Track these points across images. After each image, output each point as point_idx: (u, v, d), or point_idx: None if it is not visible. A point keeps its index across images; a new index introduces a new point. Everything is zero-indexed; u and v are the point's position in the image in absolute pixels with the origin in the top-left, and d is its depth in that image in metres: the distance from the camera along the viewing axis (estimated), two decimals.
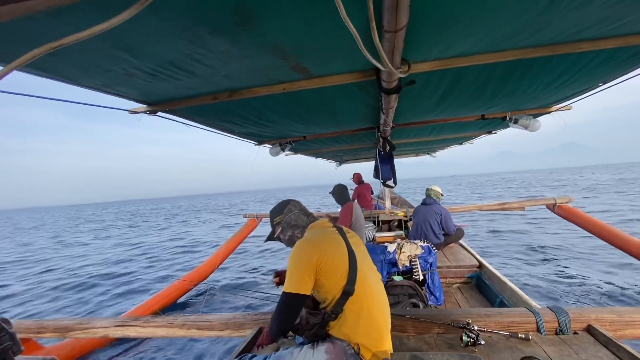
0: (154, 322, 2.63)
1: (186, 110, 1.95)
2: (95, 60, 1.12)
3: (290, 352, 1.42)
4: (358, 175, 7.19)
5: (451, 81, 1.80)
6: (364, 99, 2.00)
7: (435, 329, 2.17)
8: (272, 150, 3.43)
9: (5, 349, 0.93)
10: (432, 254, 3.46)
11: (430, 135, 4.10)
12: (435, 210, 4.51)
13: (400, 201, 10.52)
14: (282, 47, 1.16)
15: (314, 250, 1.40)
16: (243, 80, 1.55)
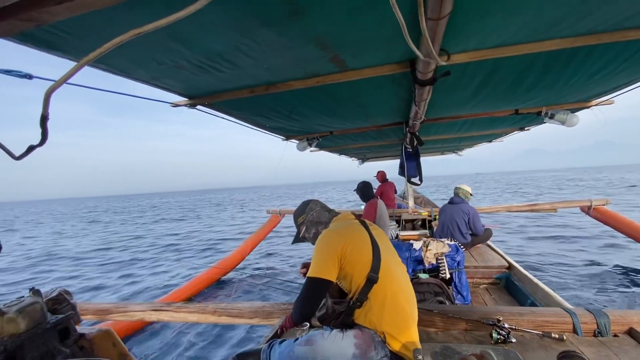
0: (187, 308, 2.75)
1: (223, 104, 2.04)
2: (151, 53, 1.20)
3: (320, 333, 1.47)
4: (382, 173, 7.14)
5: (487, 73, 1.77)
6: (396, 91, 2.00)
7: (463, 325, 2.14)
8: (299, 145, 3.49)
9: (68, 317, 1.03)
10: (460, 253, 3.40)
11: (459, 132, 4.01)
12: (463, 210, 4.41)
13: (424, 201, 10.33)
14: (324, 38, 1.20)
15: (338, 238, 1.44)
16: (281, 74, 1.60)
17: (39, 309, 0.92)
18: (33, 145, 0.78)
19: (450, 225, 4.43)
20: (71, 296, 1.10)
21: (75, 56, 1.14)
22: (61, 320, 0.96)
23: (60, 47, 1.07)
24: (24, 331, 0.87)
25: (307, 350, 1.39)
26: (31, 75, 1.13)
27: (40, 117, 0.73)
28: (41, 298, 0.97)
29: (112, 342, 1.09)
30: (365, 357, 1.37)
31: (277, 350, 1.53)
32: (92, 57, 0.63)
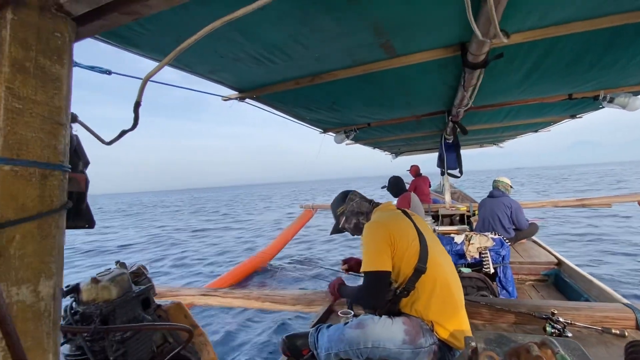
0: (233, 294, 2.90)
1: (269, 97, 2.11)
2: (215, 45, 1.29)
3: (371, 317, 1.50)
4: (416, 167, 6.99)
5: (541, 54, 1.68)
6: (442, 77, 1.96)
7: (512, 318, 2.07)
8: (336, 138, 3.52)
9: (149, 288, 1.13)
10: (505, 247, 3.27)
11: (504, 121, 3.82)
12: (504, 203, 4.23)
13: (461, 196, 9.96)
14: (381, 22, 1.21)
15: (385, 229, 1.45)
16: (328, 63, 1.63)
17: (126, 279, 1.03)
18: (125, 129, 0.88)
19: (492, 219, 4.26)
20: (147, 271, 1.21)
21: (148, 52, 1.25)
22: (144, 291, 1.07)
23: (137, 43, 1.18)
24: (115, 298, 0.98)
25: (358, 334, 1.43)
26: (110, 71, 1.25)
27: (135, 104, 0.81)
28: (127, 270, 1.08)
29: (184, 314, 1.19)
30: (414, 343, 1.39)
31: (325, 333, 1.59)
32: (185, 45, 0.69)
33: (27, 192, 0.57)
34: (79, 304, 0.96)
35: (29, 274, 0.57)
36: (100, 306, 0.95)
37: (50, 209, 0.60)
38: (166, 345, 1.08)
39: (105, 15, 0.70)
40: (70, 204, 0.65)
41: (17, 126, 0.57)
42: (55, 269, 0.61)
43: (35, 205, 0.58)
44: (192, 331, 1.03)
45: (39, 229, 0.58)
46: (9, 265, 0.54)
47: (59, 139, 0.63)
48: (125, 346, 0.96)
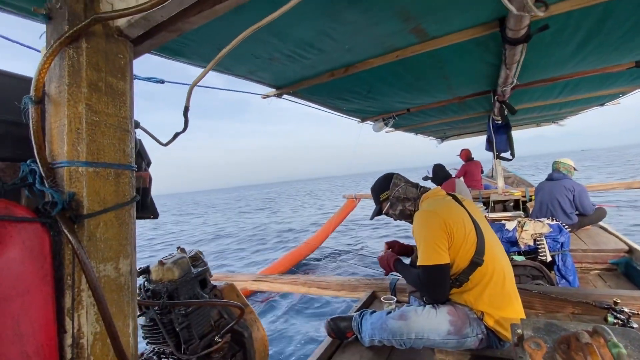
0: (281, 280, 3.08)
1: (305, 91, 2.18)
2: (251, 48, 1.39)
3: (414, 309, 1.49)
4: (467, 151, 6.61)
5: (596, 21, 1.52)
6: (482, 56, 1.87)
7: (570, 309, 1.95)
8: (375, 126, 3.50)
9: (205, 270, 1.28)
10: (564, 233, 3.03)
11: (560, 96, 3.48)
12: (566, 186, 3.87)
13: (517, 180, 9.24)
14: (407, 9, 1.21)
15: (440, 219, 1.38)
16: (360, 53, 1.65)
17: (186, 262, 1.18)
18: (178, 132, 1.01)
19: (551, 204, 3.93)
20: (204, 256, 1.37)
21: (192, 60, 1.39)
22: (201, 272, 1.22)
23: (183, 53, 1.32)
24: (177, 278, 1.14)
25: (401, 325, 1.44)
26: (164, 81, 1.41)
27: (184, 109, 0.93)
28: (186, 254, 1.23)
29: (236, 294, 1.33)
30: (459, 333, 1.37)
31: (368, 319, 1.63)
32: (223, 53, 0.78)
33: (106, 188, 0.71)
34: (150, 283, 1.13)
35: (111, 254, 0.71)
36: (167, 285, 1.11)
37: (124, 202, 0.73)
38: (222, 321, 1.22)
39: (155, 34, 0.82)
40: (138, 197, 0.78)
41: (96, 135, 0.70)
42: (130, 250, 0.75)
43: (112, 199, 0.72)
44: (243, 308, 1.16)
45: (116, 218, 0.72)
46: (97, 247, 0.68)
47: (127, 143, 0.76)
48: (189, 319, 1.11)
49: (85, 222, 0.66)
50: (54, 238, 0.65)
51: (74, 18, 0.70)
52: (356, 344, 1.74)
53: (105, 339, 0.67)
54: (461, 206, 1.50)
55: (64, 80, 0.68)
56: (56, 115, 0.69)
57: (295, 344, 3.50)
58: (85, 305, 0.65)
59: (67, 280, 0.65)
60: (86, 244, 0.66)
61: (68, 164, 0.67)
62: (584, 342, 1.08)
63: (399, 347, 1.48)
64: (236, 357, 1.20)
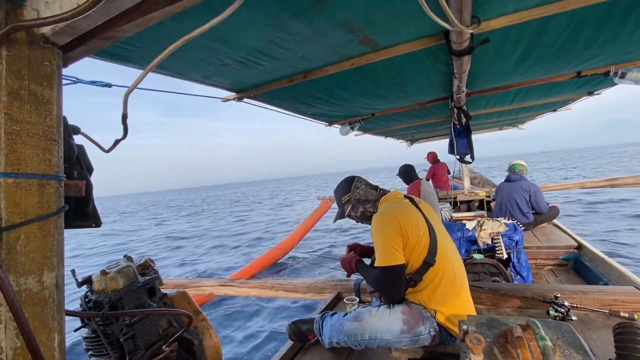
0: (248, 284, 3.06)
1: (266, 95, 2.19)
2: (200, 55, 1.38)
3: (368, 310, 1.53)
4: (433, 154, 6.89)
5: (533, 35, 1.64)
6: (433, 65, 1.96)
7: (517, 303, 2.08)
8: (342, 130, 3.55)
9: (153, 279, 1.26)
10: (518, 232, 3.22)
11: (513, 103, 3.70)
12: (522, 187, 4.12)
13: (482, 181, 9.69)
14: (350, 21, 1.25)
15: (396, 221, 1.42)
16: (316, 60, 1.68)
17: (132, 271, 1.16)
18: (118, 139, 0.99)
19: (509, 204, 4.17)
20: (154, 264, 1.34)
21: (141, 65, 1.36)
22: (149, 281, 1.20)
23: (130, 58, 1.29)
24: (122, 287, 1.11)
25: (356, 326, 1.47)
26: (110, 84, 1.37)
27: (122, 116, 0.92)
28: (133, 263, 1.21)
29: (188, 301, 1.31)
30: (412, 332, 1.42)
31: (328, 322, 1.66)
32: (155, 62, 0.78)
33: (27, 200, 0.69)
34: (92, 293, 1.10)
35: (33, 267, 0.69)
36: (109, 294, 1.08)
37: (48, 213, 0.72)
38: (171, 329, 1.21)
39: (87, 42, 0.80)
40: (66, 207, 0.76)
41: (16, 145, 0.68)
42: (56, 262, 0.73)
43: (35, 210, 0.70)
44: (191, 316, 1.15)
45: (39, 230, 0.70)
46: (17, 260, 0.66)
47: (53, 153, 0.75)
48: (134, 329, 1.09)
49: (3, 235, 0.64)
50: None
51: None
52: (317, 346, 1.76)
53: (27, 355, 0.65)
54: (417, 209, 1.56)
55: None
56: None
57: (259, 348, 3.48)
58: (3, 320, 0.63)
59: None
60: (4, 257, 0.64)
61: None
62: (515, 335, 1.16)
63: (355, 347, 1.52)
64: None
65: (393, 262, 1.39)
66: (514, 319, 1.46)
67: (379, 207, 1.62)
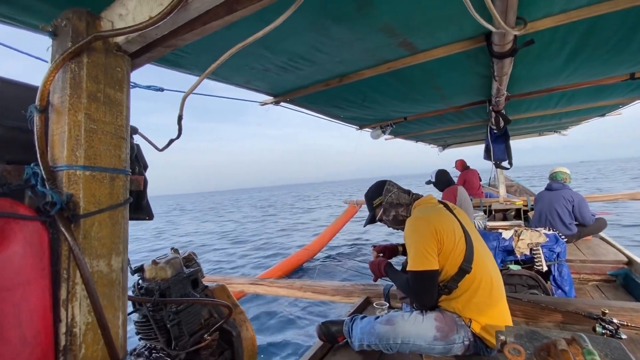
0: (278, 284, 3.12)
1: (302, 99, 2.25)
2: (245, 60, 1.46)
3: (401, 314, 1.51)
4: (461, 161, 6.65)
5: (582, 35, 1.57)
6: (472, 67, 1.92)
7: (558, 317, 1.96)
8: (372, 134, 3.55)
9: (197, 271, 1.34)
10: (560, 244, 3.04)
11: (557, 107, 3.51)
12: (565, 196, 3.87)
13: (520, 189, 9.21)
14: (391, 25, 1.27)
15: (431, 225, 1.40)
16: (352, 64, 1.71)
17: (178, 263, 1.24)
18: (172, 138, 1.07)
19: (549, 214, 3.94)
20: (197, 257, 1.43)
21: (189, 69, 1.47)
22: (193, 272, 1.27)
23: (181, 64, 1.39)
24: (170, 277, 1.19)
25: (388, 330, 1.46)
26: (163, 89, 1.48)
27: (177, 117, 1.00)
28: (179, 255, 1.29)
29: (227, 295, 1.38)
30: (446, 339, 1.39)
31: (358, 324, 1.66)
32: (212, 68, 0.85)
33: (101, 191, 0.77)
34: (144, 281, 1.19)
35: (104, 251, 0.77)
36: (159, 283, 1.16)
37: (117, 203, 0.80)
38: (211, 319, 1.27)
39: (152, 49, 0.89)
40: (131, 199, 0.84)
41: (93, 142, 0.77)
42: (122, 249, 0.81)
43: (107, 200, 0.78)
44: (231, 307, 1.21)
45: (110, 218, 0.78)
46: (91, 244, 0.74)
47: (122, 149, 0.83)
48: (179, 317, 1.16)
49: (81, 221, 0.73)
50: (52, 235, 0.71)
51: (77, 35, 0.77)
52: (347, 348, 1.77)
53: (96, 329, 0.73)
54: (452, 214, 1.53)
55: (66, 92, 0.75)
56: (58, 123, 0.76)
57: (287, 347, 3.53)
58: (78, 298, 0.71)
59: (62, 274, 0.71)
60: (81, 242, 0.72)
61: (67, 167, 0.73)
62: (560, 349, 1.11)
63: (386, 351, 1.50)
64: (224, 354, 1.24)
65: (426, 267, 1.36)
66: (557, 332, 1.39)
67: (413, 211, 1.60)
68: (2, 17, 0.97)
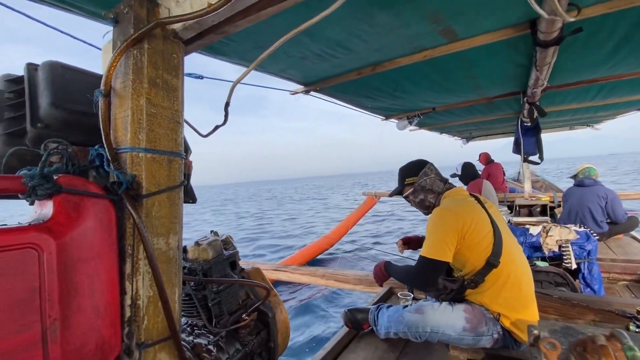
0: (300, 271, 3.18)
1: (332, 88, 2.25)
2: (284, 47, 1.46)
3: (430, 304, 1.52)
4: (486, 154, 6.48)
5: (632, 24, 1.48)
6: (511, 57, 1.85)
7: (590, 316, 1.92)
8: (399, 124, 3.50)
9: (235, 253, 1.39)
10: (591, 241, 2.95)
11: (595, 99, 3.35)
12: (598, 193, 3.73)
13: (545, 185, 8.90)
14: (437, 11, 1.24)
15: (458, 220, 1.39)
16: (389, 52, 1.68)
17: (219, 245, 1.28)
18: (218, 125, 1.10)
19: (580, 211, 3.81)
20: (234, 240, 1.48)
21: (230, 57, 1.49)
22: (232, 254, 1.32)
23: (224, 52, 1.42)
24: (211, 258, 1.24)
25: (417, 318, 1.47)
26: (202, 76, 1.51)
27: (225, 104, 1.02)
28: (219, 237, 1.34)
29: (262, 277, 1.42)
30: (475, 331, 1.40)
31: (385, 312, 1.68)
32: (264, 55, 0.86)
33: (160, 172, 0.81)
34: (187, 261, 1.24)
35: (163, 230, 0.81)
36: (202, 264, 1.22)
37: (174, 185, 0.83)
38: (249, 300, 1.32)
39: (204, 36, 0.91)
40: (186, 182, 0.88)
41: (153, 126, 0.80)
42: (178, 228, 0.85)
43: (165, 182, 0.82)
44: (269, 289, 1.26)
45: (168, 199, 0.82)
46: (152, 223, 0.78)
47: (178, 133, 0.86)
48: (220, 296, 1.21)
49: (143, 201, 0.77)
50: (117, 213, 0.76)
51: (138, 22, 0.80)
52: (372, 335, 1.80)
53: (157, 302, 0.77)
54: (483, 208, 1.51)
55: (129, 77, 0.78)
56: (121, 107, 0.80)
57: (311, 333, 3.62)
58: (142, 272, 0.76)
59: (127, 250, 0.75)
60: (144, 220, 0.76)
61: (130, 149, 0.77)
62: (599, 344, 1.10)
63: (414, 339, 1.52)
64: (261, 334, 1.29)
65: (440, 257, 1.37)
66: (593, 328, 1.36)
67: (442, 200, 1.59)
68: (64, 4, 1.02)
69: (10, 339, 0.54)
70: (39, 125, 0.84)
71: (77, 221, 0.66)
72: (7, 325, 0.54)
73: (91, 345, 0.65)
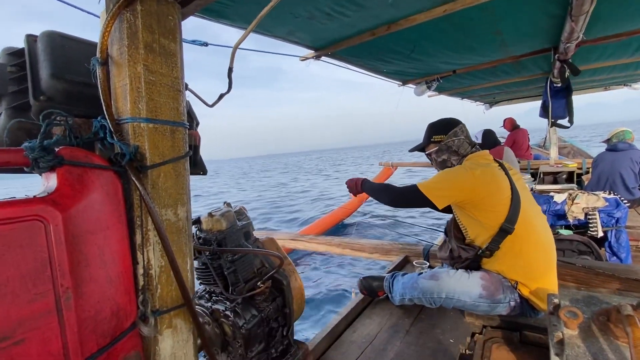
0: (317, 240, 3.22)
1: (344, 52, 2.13)
2: (289, 7, 1.37)
3: (446, 271, 1.52)
4: (511, 119, 6.16)
5: None
6: (543, 6, 1.66)
7: (615, 284, 1.86)
8: (417, 90, 3.34)
9: (249, 224, 1.40)
10: (621, 208, 2.82)
11: (635, 55, 3.04)
12: (632, 157, 3.51)
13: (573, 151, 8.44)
14: None
15: (472, 182, 1.37)
16: (405, 8, 1.55)
17: (232, 215, 1.29)
18: (222, 93, 1.06)
19: (611, 176, 3.62)
20: (247, 211, 1.48)
21: (232, 20, 1.41)
22: (245, 225, 1.33)
23: (225, 14, 1.34)
24: (225, 229, 1.25)
25: (432, 285, 1.48)
26: (207, 43, 1.45)
27: (228, 69, 0.98)
28: (232, 209, 1.34)
29: (276, 247, 1.44)
30: (492, 297, 1.39)
31: (400, 280, 1.69)
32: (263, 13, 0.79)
33: (163, 143, 0.79)
34: (201, 232, 1.26)
35: (170, 201, 0.80)
36: (216, 234, 1.23)
37: (179, 155, 0.82)
38: (263, 269, 1.35)
39: None
40: (190, 153, 0.86)
41: (153, 94, 0.77)
42: (186, 199, 0.84)
43: (169, 153, 0.80)
44: (282, 258, 1.27)
45: (173, 170, 0.81)
46: (159, 194, 0.78)
47: (179, 102, 0.83)
48: (235, 265, 1.24)
49: (148, 172, 0.76)
50: (124, 185, 0.75)
51: None
52: (386, 302, 1.82)
53: (169, 272, 0.78)
54: (505, 174, 1.45)
55: (124, 42, 0.74)
56: (119, 75, 0.77)
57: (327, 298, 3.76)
58: (152, 243, 0.76)
59: (136, 221, 0.76)
60: (150, 191, 0.76)
61: (131, 120, 0.75)
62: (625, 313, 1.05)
63: (429, 305, 1.53)
64: (276, 301, 1.33)
65: (431, 197, 1.40)
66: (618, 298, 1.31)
67: (465, 162, 1.52)
68: None
69: (26, 307, 0.55)
70: (42, 97, 0.82)
71: (82, 193, 0.66)
72: (22, 294, 0.55)
73: (106, 312, 0.67)
